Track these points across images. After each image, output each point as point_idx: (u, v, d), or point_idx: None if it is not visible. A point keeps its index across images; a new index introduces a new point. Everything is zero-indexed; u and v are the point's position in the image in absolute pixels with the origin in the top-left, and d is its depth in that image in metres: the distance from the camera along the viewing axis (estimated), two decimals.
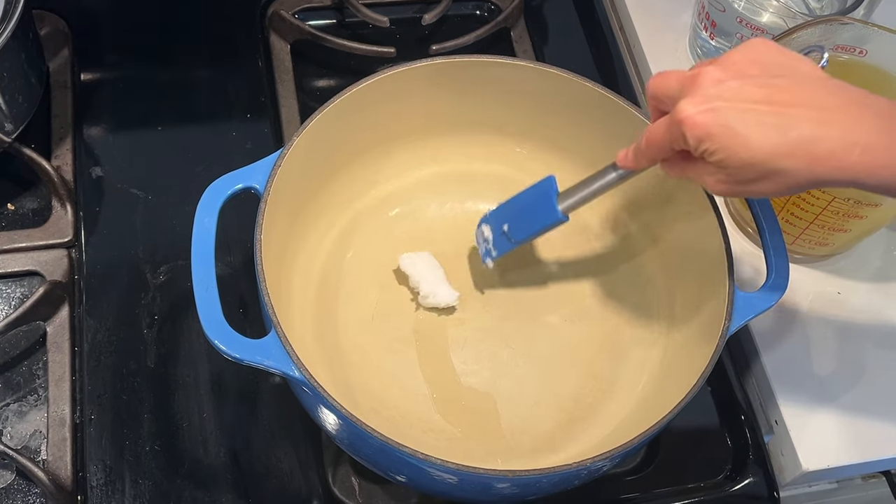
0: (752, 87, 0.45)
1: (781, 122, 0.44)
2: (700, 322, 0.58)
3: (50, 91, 0.73)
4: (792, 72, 0.46)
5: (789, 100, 0.45)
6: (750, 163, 0.45)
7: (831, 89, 0.46)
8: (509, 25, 0.83)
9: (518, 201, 0.61)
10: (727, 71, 0.46)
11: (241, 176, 0.56)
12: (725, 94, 0.45)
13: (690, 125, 0.46)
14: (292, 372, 0.50)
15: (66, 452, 0.59)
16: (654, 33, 0.82)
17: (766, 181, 0.46)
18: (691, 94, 0.46)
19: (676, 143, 0.48)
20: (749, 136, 0.44)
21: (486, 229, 0.63)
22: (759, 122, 0.44)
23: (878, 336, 0.68)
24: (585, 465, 0.50)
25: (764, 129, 0.44)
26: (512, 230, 0.61)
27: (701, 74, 0.46)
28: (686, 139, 0.46)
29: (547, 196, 0.58)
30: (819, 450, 0.64)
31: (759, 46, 0.47)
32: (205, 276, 0.51)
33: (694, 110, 0.45)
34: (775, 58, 0.47)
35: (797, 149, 0.44)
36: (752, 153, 0.44)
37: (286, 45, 0.79)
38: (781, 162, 0.44)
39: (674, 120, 0.47)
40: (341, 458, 0.62)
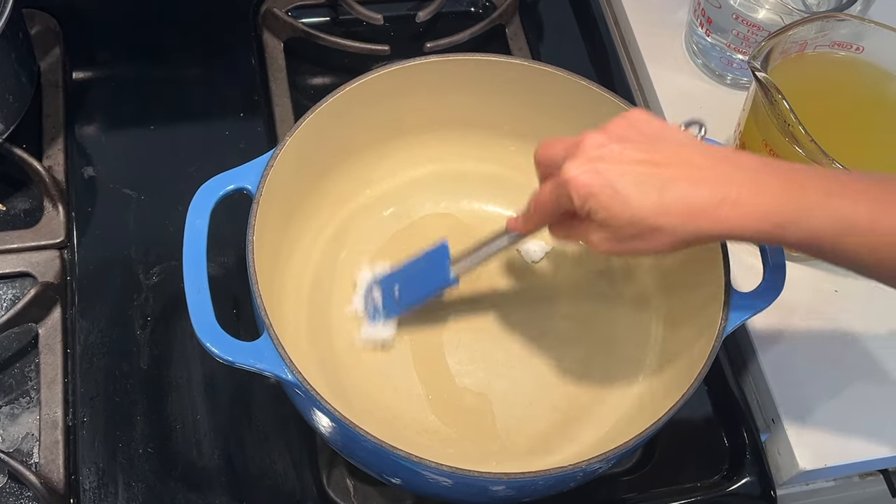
0: (632, 150, 0.47)
1: (659, 182, 0.46)
2: (697, 322, 0.58)
3: (41, 90, 0.73)
4: (669, 137, 0.49)
5: (666, 161, 0.47)
6: (631, 221, 0.47)
7: (704, 151, 0.48)
8: (504, 23, 0.82)
9: (411, 267, 0.62)
10: (609, 136, 0.49)
11: (233, 177, 0.56)
12: (607, 157, 0.48)
13: (574, 185, 0.48)
14: (285, 374, 0.50)
15: (58, 455, 0.59)
16: (650, 30, 0.82)
17: (647, 238, 0.48)
18: (575, 157, 0.48)
19: (562, 204, 0.50)
20: (629, 195, 0.46)
21: (377, 292, 0.63)
22: (639, 182, 0.46)
23: (876, 334, 0.68)
24: (581, 466, 0.50)
25: (643, 189, 0.46)
26: (403, 293, 0.62)
27: (584, 139, 0.49)
28: (571, 199, 0.48)
29: (440, 261, 0.60)
30: (816, 449, 0.64)
31: (640, 116, 0.50)
32: (196, 279, 0.51)
33: (578, 171, 0.48)
34: (654, 126, 0.49)
35: (674, 206, 0.46)
36: (633, 211, 0.47)
37: (279, 43, 0.79)
38: (660, 219, 0.46)
39: (559, 181, 0.49)
40: (336, 459, 0.61)
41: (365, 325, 0.63)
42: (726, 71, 0.78)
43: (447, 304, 0.65)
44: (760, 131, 0.64)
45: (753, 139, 0.65)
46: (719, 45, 0.76)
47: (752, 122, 0.66)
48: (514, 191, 0.69)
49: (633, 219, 0.47)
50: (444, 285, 0.60)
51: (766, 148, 0.63)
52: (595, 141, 0.48)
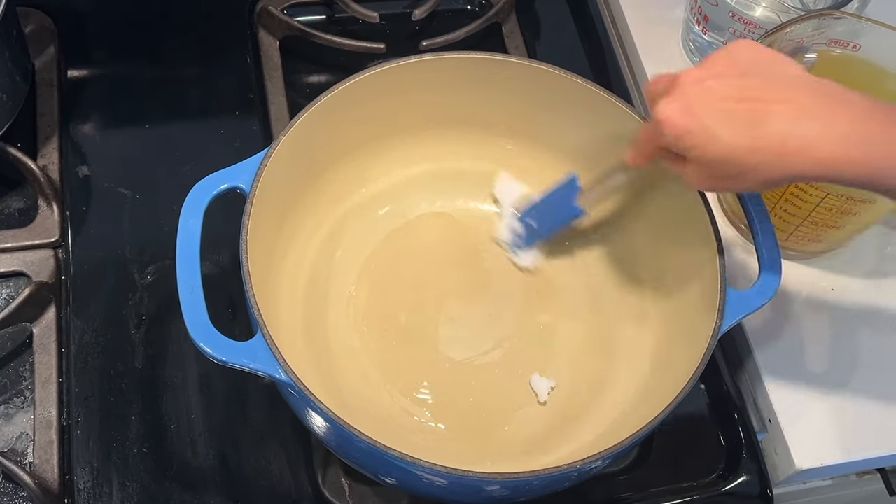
0: (728, 86, 0.46)
1: (754, 119, 0.45)
2: (692, 321, 0.58)
3: (35, 89, 0.72)
4: (771, 70, 0.47)
5: (764, 96, 0.46)
6: (724, 159, 0.46)
7: (809, 86, 0.46)
8: (500, 21, 0.82)
9: (545, 199, 0.65)
10: (707, 70, 0.48)
11: (227, 176, 0.55)
12: (702, 93, 0.47)
13: (667, 124, 0.47)
14: (279, 375, 0.49)
15: (52, 455, 0.59)
16: (647, 28, 0.82)
17: (743, 177, 0.47)
18: (671, 95, 0.48)
19: (660, 140, 0.49)
20: (722, 133, 0.46)
21: (519, 225, 0.67)
22: (732, 120, 0.45)
23: (872, 333, 0.68)
24: (576, 466, 0.50)
25: (736, 126, 0.45)
26: (539, 224, 0.66)
27: (682, 75, 0.48)
28: (665, 137, 0.48)
29: (569, 193, 0.63)
30: (813, 448, 0.64)
31: (742, 46, 0.48)
32: (190, 279, 0.51)
33: (670, 109, 0.47)
34: (757, 57, 0.48)
35: (768, 144, 0.45)
36: (726, 150, 0.46)
37: (275, 41, 0.78)
38: (754, 158, 0.45)
39: (654, 120, 0.49)
40: (331, 459, 0.61)
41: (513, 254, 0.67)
42: None
43: (447, 303, 0.65)
44: None
45: None
46: (716, 44, 0.75)
47: None
48: None
49: (727, 157, 0.46)
50: (575, 217, 0.63)
51: None
52: (692, 76, 0.48)
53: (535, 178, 0.67)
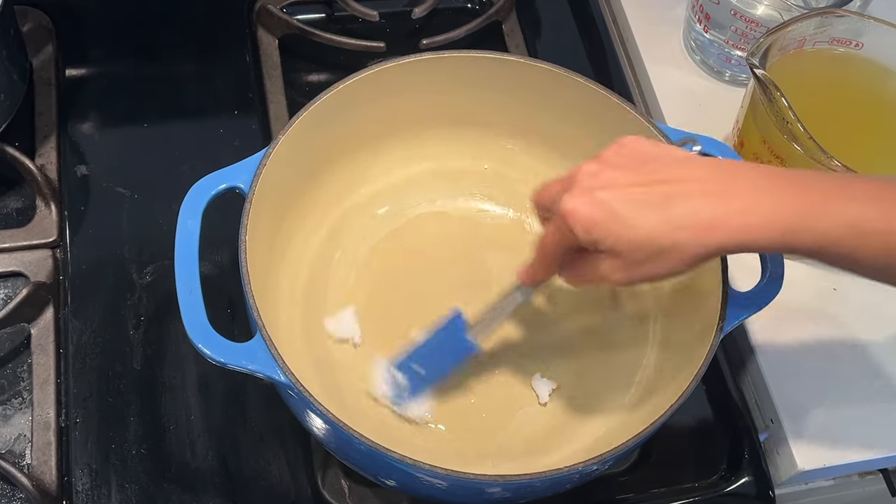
0: (629, 175, 0.47)
1: (661, 201, 0.45)
2: (694, 322, 0.57)
3: (33, 88, 0.72)
4: (664, 156, 0.48)
5: (666, 179, 0.46)
6: (638, 244, 0.46)
7: (704, 164, 0.47)
8: (501, 19, 0.82)
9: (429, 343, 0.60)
10: (603, 164, 0.48)
11: (225, 176, 0.55)
12: (604, 184, 0.46)
13: (575, 217, 0.47)
14: (278, 376, 0.49)
15: (50, 457, 0.59)
16: (648, 26, 0.81)
17: (659, 259, 0.46)
18: (571, 190, 0.47)
19: (567, 240, 0.48)
20: (632, 216, 0.45)
21: (399, 376, 0.60)
22: (640, 203, 0.45)
23: (875, 333, 0.68)
24: (577, 468, 0.49)
25: (646, 209, 0.45)
26: (427, 370, 0.59)
27: (578, 171, 0.48)
28: (574, 233, 0.47)
29: (456, 331, 0.58)
30: (815, 449, 0.63)
31: (633, 140, 0.49)
32: (188, 279, 0.51)
33: (576, 202, 0.47)
34: (647, 148, 0.48)
35: (682, 221, 0.45)
36: (639, 232, 0.45)
37: (274, 39, 0.78)
38: (669, 237, 0.45)
39: (560, 216, 0.48)
40: (331, 460, 0.61)
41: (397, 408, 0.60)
42: (724, 68, 0.77)
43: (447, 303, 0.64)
44: (759, 128, 0.64)
45: (752, 136, 0.65)
46: (718, 42, 0.75)
47: (751, 119, 0.65)
48: (510, 189, 0.68)
49: (642, 240, 0.45)
50: (467, 353, 0.59)
51: (765, 145, 0.63)
52: (589, 171, 0.47)
53: (538, 175, 0.66)
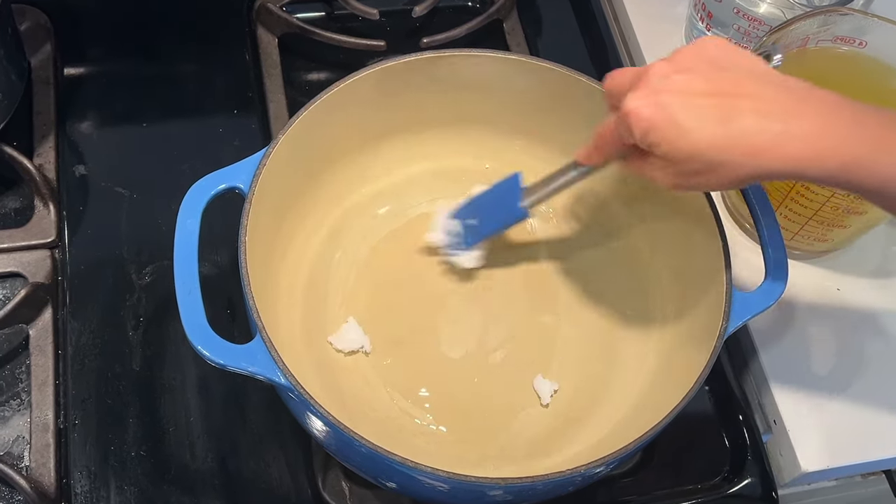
0: (697, 80, 0.46)
1: (723, 114, 0.44)
2: (697, 322, 0.57)
3: (32, 87, 0.72)
4: (738, 67, 0.47)
5: (732, 91, 0.45)
6: (692, 155, 0.45)
7: (776, 82, 0.46)
8: (502, 17, 0.81)
9: (486, 196, 0.62)
10: (675, 65, 0.47)
11: (225, 176, 0.55)
12: (670, 87, 0.46)
13: (635, 118, 0.46)
14: (278, 378, 0.49)
15: (49, 458, 0.58)
16: (650, 24, 0.81)
17: (712, 173, 0.46)
18: (637, 88, 0.47)
19: (624, 136, 0.48)
20: (691, 127, 0.45)
21: (455, 224, 0.63)
22: (701, 115, 0.45)
23: (878, 333, 0.67)
24: (580, 471, 0.49)
25: (705, 122, 0.45)
26: (480, 224, 0.62)
27: (650, 69, 0.47)
28: (632, 132, 0.47)
29: (512, 192, 0.59)
30: (818, 450, 0.63)
31: (710, 43, 0.48)
32: (187, 280, 0.50)
33: (639, 103, 0.46)
34: (724, 54, 0.47)
35: (738, 140, 0.44)
36: (694, 145, 0.45)
37: (274, 38, 0.78)
38: (723, 154, 0.45)
39: (621, 113, 0.47)
40: (331, 462, 0.60)
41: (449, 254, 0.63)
42: None
43: (447, 303, 0.64)
44: None
45: None
46: None
47: None
48: None
49: (695, 153, 0.45)
50: (518, 217, 0.60)
51: None
52: (660, 71, 0.46)
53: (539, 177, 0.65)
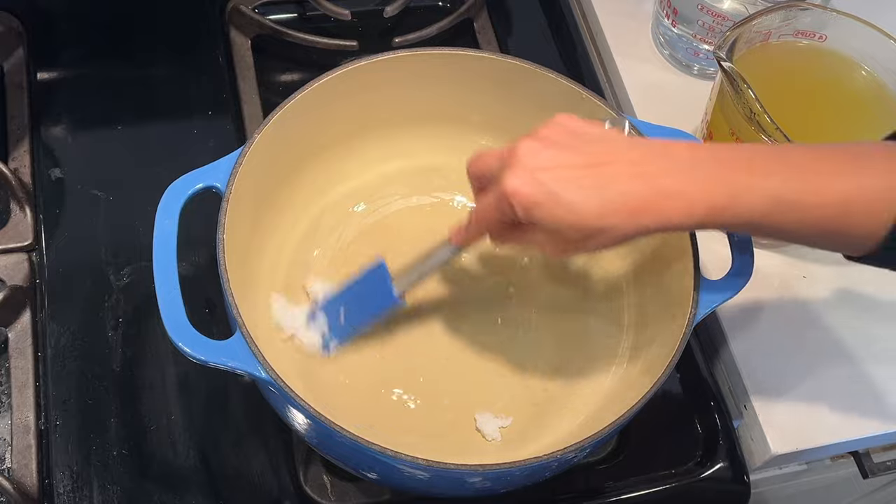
0: (568, 154, 0.48)
1: (598, 183, 0.47)
2: (667, 310, 0.58)
3: (5, 91, 0.72)
4: (599, 137, 0.49)
5: (602, 160, 0.47)
6: (575, 225, 0.47)
7: (637, 146, 0.49)
8: (472, 17, 0.82)
9: (353, 289, 0.61)
10: (543, 142, 0.48)
11: (201, 175, 0.55)
12: (544, 164, 0.47)
13: (517, 197, 0.47)
14: (258, 372, 0.49)
15: (31, 460, 0.59)
16: (617, 22, 0.82)
17: (594, 238, 0.48)
18: (512, 168, 0.48)
19: (506, 216, 0.49)
20: (572, 200, 0.46)
21: (322, 319, 0.61)
22: (580, 186, 0.47)
23: (844, 319, 0.69)
24: (556, 456, 0.50)
25: (585, 192, 0.46)
26: (348, 317, 0.60)
27: (518, 148, 0.49)
28: (514, 211, 0.48)
29: (382, 280, 0.59)
30: (788, 433, 0.65)
31: (567, 119, 0.50)
32: (167, 279, 0.51)
33: (517, 182, 0.47)
34: (582, 127, 0.49)
35: (616, 205, 0.46)
36: (578, 216, 0.47)
37: (247, 40, 0.78)
38: (605, 220, 0.47)
39: (501, 194, 0.48)
40: (312, 456, 0.61)
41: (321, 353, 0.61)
42: (693, 61, 0.78)
43: (420, 300, 0.65)
44: (727, 120, 0.65)
45: (720, 128, 0.66)
46: (685, 36, 0.76)
47: (719, 111, 0.66)
48: None
49: (578, 223, 0.47)
50: (390, 305, 0.59)
51: (733, 136, 0.64)
52: (529, 148, 0.48)
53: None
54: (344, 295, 0.61)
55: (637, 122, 0.62)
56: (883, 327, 0.69)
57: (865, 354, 0.68)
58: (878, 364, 0.67)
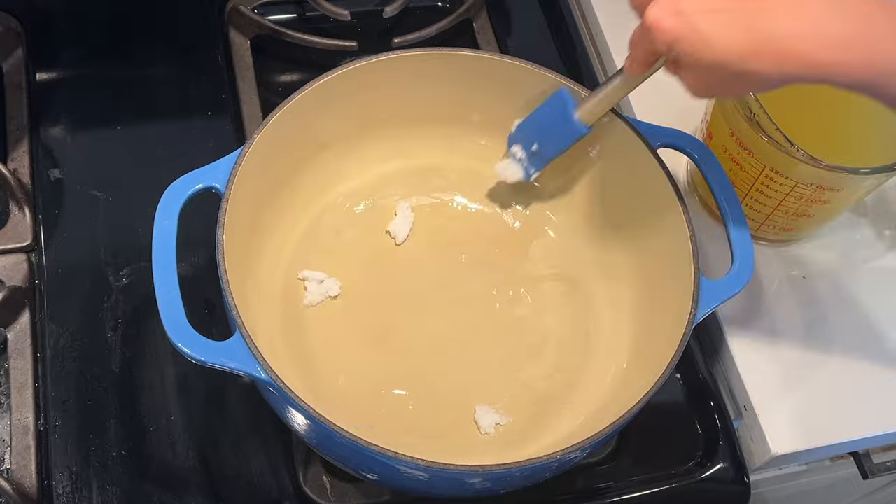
0: None
1: (749, 21, 0.43)
2: (667, 311, 0.58)
3: (4, 92, 0.72)
4: None
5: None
6: (720, 64, 0.44)
7: None
8: (471, 17, 0.82)
9: (537, 119, 0.62)
10: None
11: (201, 176, 0.55)
12: None
13: (657, 30, 0.45)
14: (258, 373, 0.49)
15: (30, 461, 0.58)
16: (617, 22, 0.82)
17: (741, 80, 0.45)
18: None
19: (652, 47, 0.47)
20: (716, 37, 0.44)
21: (518, 150, 0.64)
22: (726, 22, 0.44)
23: (844, 319, 0.69)
24: (556, 457, 0.50)
25: (730, 29, 0.43)
26: (542, 149, 0.63)
27: None
28: (655, 44, 0.46)
29: (563, 110, 0.59)
30: (788, 433, 0.65)
31: None
32: (166, 279, 0.51)
33: (659, 14, 0.45)
34: None
35: (765, 47, 0.43)
36: (720, 54, 0.44)
37: (246, 40, 0.78)
38: (748, 62, 0.44)
39: (644, 26, 0.47)
40: (312, 457, 0.61)
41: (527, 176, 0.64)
42: None
43: (424, 299, 0.65)
44: (727, 120, 0.65)
45: (720, 128, 0.66)
46: None
47: (719, 111, 0.66)
48: (485, 184, 0.69)
49: (720, 62, 0.44)
50: (579, 135, 0.60)
51: (733, 137, 0.64)
52: None
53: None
54: (529, 127, 0.63)
55: (636, 122, 0.62)
56: (883, 328, 0.69)
57: (865, 355, 0.68)
58: (877, 365, 0.67)
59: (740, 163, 0.65)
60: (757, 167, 0.63)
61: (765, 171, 0.63)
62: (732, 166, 0.65)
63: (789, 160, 0.61)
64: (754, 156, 0.63)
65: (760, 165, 0.63)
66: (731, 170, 0.65)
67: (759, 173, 0.64)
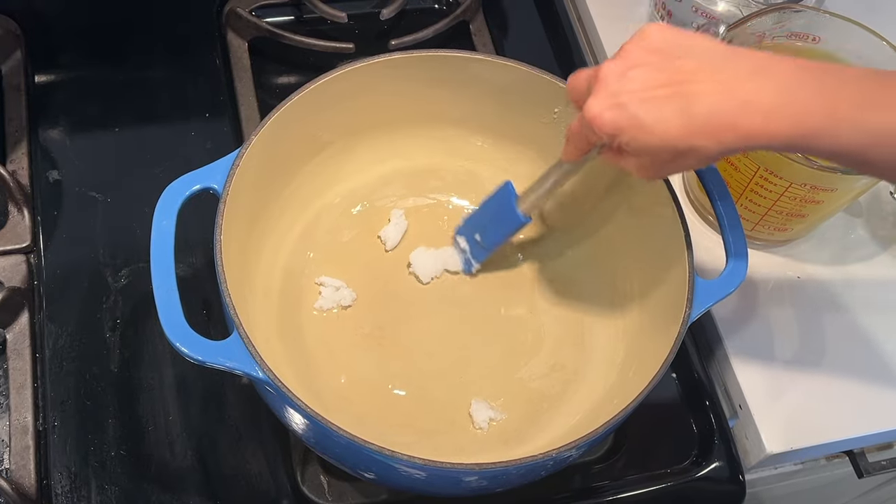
0: (650, 74, 0.46)
1: (684, 104, 0.45)
2: (662, 310, 0.59)
3: (3, 94, 0.72)
4: (690, 49, 0.47)
5: (687, 78, 0.46)
6: (660, 147, 0.46)
7: (730, 58, 0.46)
8: (468, 19, 0.83)
9: (484, 211, 0.65)
10: (626, 62, 0.47)
11: (199, 176, 0.56)
12: (626, 87, 0.46)
13: (599, 123, 0.47)
14: (256, 372, 0.50)
15: (29, 461, 0.59)
16: (612, 24, 0.83)
17: (682, 159, 0.47)
18: (596, 92, 0.47)
19: (594, 139, 0.49)
20: (655, 123, 0.45)
21: (462, 241, 0.66)
22: (662, 107, 0.45)
23: (838, 319, 0.69)
24: (551, 455, 0.50)
25: (667, 113, 0.45)
26: (484, 238, 0.65)
27: (601, 70, 0.48)
28: (598, 136, 0.48)
29: (507, 202, 0.62)
30: (783, 432, 0.65)
31: (654, 31, 0.48)
32: (164, 280, 0.51)
33: (600, 108, 0.47)
34: (672, 39, 0.47)
35: (702, 128, 0.45)
36: (660, 138, 0.46)
37: (244, 42, 0.79)
38: (689, 140, 0.45)
39: (584, 120, 0.48)
40: (310, 456, 0.61)
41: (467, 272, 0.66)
42: None
43: (420, 299, 0.66)
44: None
45: None
46: None
47: None
48: (482, 185, 0.69)
49: (662, 145, 0.46)
50: (519, 226, 0.62)
51: None
52: (613, 71, 0.47)
53: (508, 173, 0.67)
54: (476, 218, 0.65)
55: None
56: (877, 327, 0.69)
57: (859, 354, 0.68)
58: (872, 363, 0.68)
59: (735, 163, 0.65)
60: (751, 168, 0.64)
61: (759, 171, 0.63)
62: (727, 167, 0.66)
63: (783, 160, 0.61)
64: (748, 156, 0.64)
65: (755, 166, 0.63)
66: (726, 170, 0.65)
67: (753, 174, 0.64)
